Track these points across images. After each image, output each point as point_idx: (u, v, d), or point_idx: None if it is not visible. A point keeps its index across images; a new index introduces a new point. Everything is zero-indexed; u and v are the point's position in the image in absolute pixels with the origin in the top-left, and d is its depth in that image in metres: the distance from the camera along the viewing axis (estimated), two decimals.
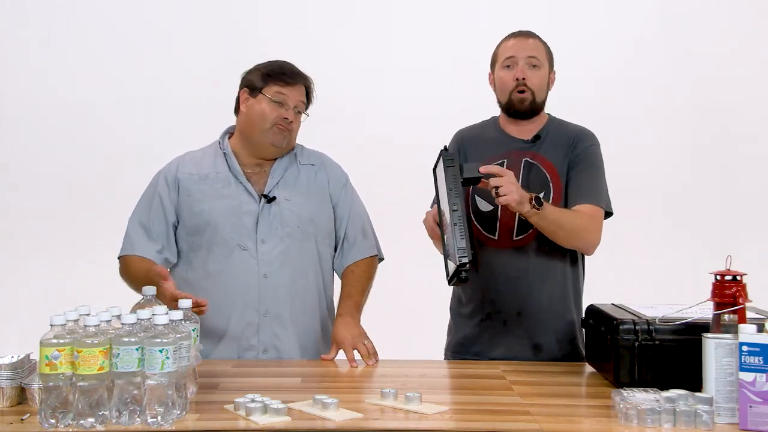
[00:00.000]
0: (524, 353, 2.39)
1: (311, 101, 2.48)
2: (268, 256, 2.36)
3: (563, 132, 2.47)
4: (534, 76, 2.41)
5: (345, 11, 4.29)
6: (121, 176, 3.57)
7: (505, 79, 2.43)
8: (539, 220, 2.24)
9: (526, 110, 2.43)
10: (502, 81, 2.44)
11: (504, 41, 2.48)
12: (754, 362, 1.61)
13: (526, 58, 2.40)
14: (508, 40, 2.47)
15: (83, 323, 1.66)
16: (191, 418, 1.71)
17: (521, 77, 2.40)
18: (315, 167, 2.51)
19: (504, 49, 2.45)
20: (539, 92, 2.43)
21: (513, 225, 2.40)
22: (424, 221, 2.31)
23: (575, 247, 2.40)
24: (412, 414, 1.74)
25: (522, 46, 2.42)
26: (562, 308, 2.42)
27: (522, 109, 2.42)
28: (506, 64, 2.43)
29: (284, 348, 2.36)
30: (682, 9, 4.22)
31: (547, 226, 2.27)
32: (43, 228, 4.20)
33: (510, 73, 2.41)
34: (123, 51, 4.24)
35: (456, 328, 2.52)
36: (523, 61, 2.40)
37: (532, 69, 2.41)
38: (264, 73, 2.43)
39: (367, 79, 4.21)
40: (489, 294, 2.42)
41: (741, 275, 1.78)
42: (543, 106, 2.48)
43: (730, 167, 4.21)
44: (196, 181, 2.42)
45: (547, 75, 2.45)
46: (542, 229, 2.30)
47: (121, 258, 2.41)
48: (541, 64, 2.42)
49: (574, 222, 2.32)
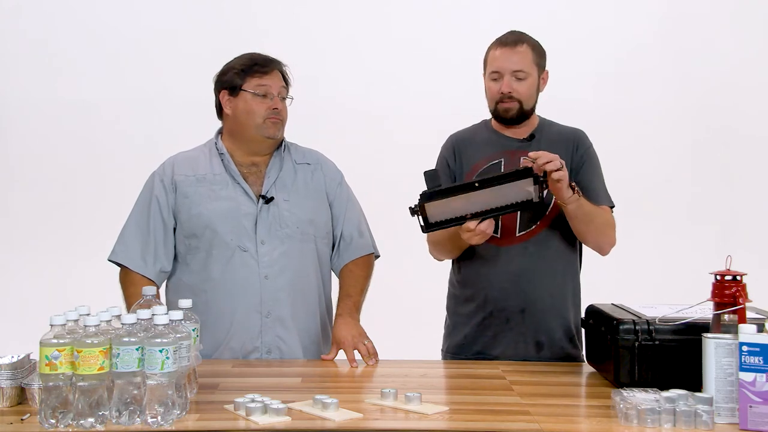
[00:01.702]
0: (527, 351, 2.39)
1: (289, 83, 2.47)
2: (268, 257, 2.35)
3: (557, 132, 2.48)
4: (520, 87, 2.41)
5: (344, 11, 4.29)
6: (122, 176, 3.56)
7: (492, 89, 2.44)
8: (577, 208, 2.26)
9: (512, 118, 2.44)
10: (489, 90, 2.46)
11: (492, 49, 2.46)
12: (754, 362, 1.61)
13: (512, 73, 2.40)
14: (495, 49, 2.45)
15: (83, 323, 1.66)
16: (191, 418, 1.71)
17: (507, 91, 2.40)
18: (311, 166, 2.50)
19: (491, 60, 2.45)
20: (527, 100, 2.43)
21: (515, 223, 2.40)
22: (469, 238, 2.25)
23: (598, 243, 2.41)
24: (412, 414, 1.74)
25: (507, 59, 2.41)
26: (562, 306, 2.43)
27: (508, 117, 2.44)
28: (493, 77, 2.43)
29: (287, 349, 2.36)
30: (680, 8, 4.21)
31: (582, 217, 2.30)
32: (43, 228, 4.20)
33: (496, 85, 2.42)
34: (123, 51, 4.24)
35: (455, 329, 2.51)
36: (508, 76, 2.40)
37: (518, 82, 2.41)
38: (239, 70, 2.41)
39: (366, 79, 4.21)
40: (492, 292, 2.41)
41: (741, 275, 1.78)
42: (533, 111, 2.48)
43: (730, 167, 4.22)
44: (192, 183, 2.41)
45: (535, 82, 2.44)
46: (575, 220, 2.31)
47: (122, 270, 2.40)
48: (528, 75, 2.41)
49: (602, 218, 2.38)
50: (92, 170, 4.20)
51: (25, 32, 4.25)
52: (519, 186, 2.17)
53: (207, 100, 2.49)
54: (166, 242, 2.40)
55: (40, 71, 4.25)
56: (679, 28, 4.22)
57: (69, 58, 4.23)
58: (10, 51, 4.25)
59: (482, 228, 2.22)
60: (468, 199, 2.20)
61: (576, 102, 3.51)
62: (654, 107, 4.22)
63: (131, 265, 2.37)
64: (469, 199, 2.20)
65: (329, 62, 4.18)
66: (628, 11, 4.25)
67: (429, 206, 2.20)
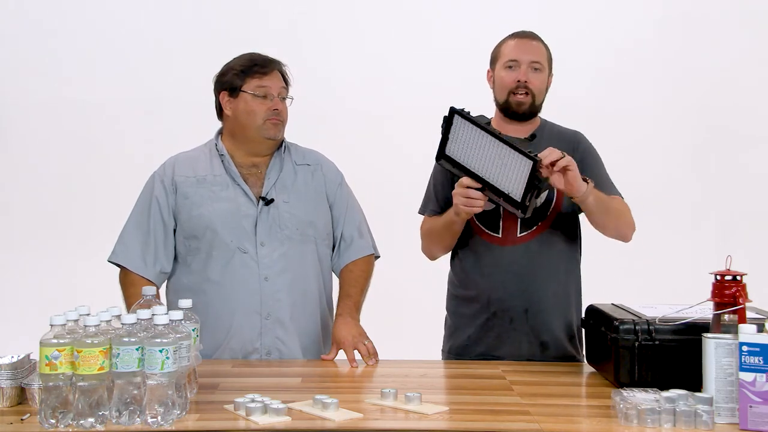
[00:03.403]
0: (531, 351, 2.39)
1: (289, 84, 2.46)
2: (268, 259, 2.35)
3: (557, 133, 2.48)
4: (536, 80, 2.41)
5: (345, 11, 4.29)
6: (122, 176, 3.56)
7: (506, 79, 2.42)
8: (595, 199, 2.26)
9: (524, 112, 2.43)
10: (502, 80, 2.43)
11: (506, 41, 2.47)
12: (754, 362, 1.61)
13: (530, 63, 2.40)
14: (510, 40, 2.45)
15: (83, 323, 1.66)
16: (191, 418, 1.71)
17: (524, 80, 2.39)
18: (311, 167, 2.50)
19: (507, 50, 2.44)
20: (539, 95, 2.43)
21: (516, 222, 2.40)
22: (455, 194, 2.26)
23: (620, 232, 2.42)
24: (412, 414, 1.74)
25: (526, 49, 2.42)
26: (565, 306, 2.42)
27: (520, 111, 2.42)
28: (508, 65, 2.42)
29: (287, 350, 2.35)
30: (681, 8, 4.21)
31: (601, 207, 2.30)
32: (43, 228, 4.20)
33: (512, 74, 2.41)
34: (123, 51, 4.24)
35: (457, 330, 2.49)
36: (526, 65, 2.40)
37: (534, 72, 2.41)
38: (238, 71, 2.40)
39: (367, 79, 4.21)
40: (495, 292, 2.40)
41: (741, 275, 1.78)
42: (540, 109, 2.48)
43: (730, 167, 4.21)
44: (193, 183, 2.40)
45: (546, 79, 2.45)
46: (595, 213, 2.31)
47: (122, 271, 2.39)
48: (543, 68, 2.42)
49: (618, 206, 2.39)
50: (92, 170, 4.20)
51: (26, 32, 4.25)
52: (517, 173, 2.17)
53: (207, 100, 2.48)
54: (166, 243, 2.39)
55: (41, 71, 4.24)
56: (679, 27, 4.22)
57: (69, 58, 4.23)
58: (10, 51, 4.25)
59: (473, 194, 2.22)
60: (480, 153, 2.21)
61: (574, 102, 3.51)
62: (654, 107, 4.22)
63: (131, 266, 2.37)
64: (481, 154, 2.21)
65: (329, 62, 4.18)
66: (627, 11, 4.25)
67: (453, 132, 2.23)
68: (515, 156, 2.17)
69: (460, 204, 2.25)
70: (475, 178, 2.23)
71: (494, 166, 2.20)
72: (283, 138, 2.46)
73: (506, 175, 2.19)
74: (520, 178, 2.17)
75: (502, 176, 2.20)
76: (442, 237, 2.45)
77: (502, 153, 2.18)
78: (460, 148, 2.25)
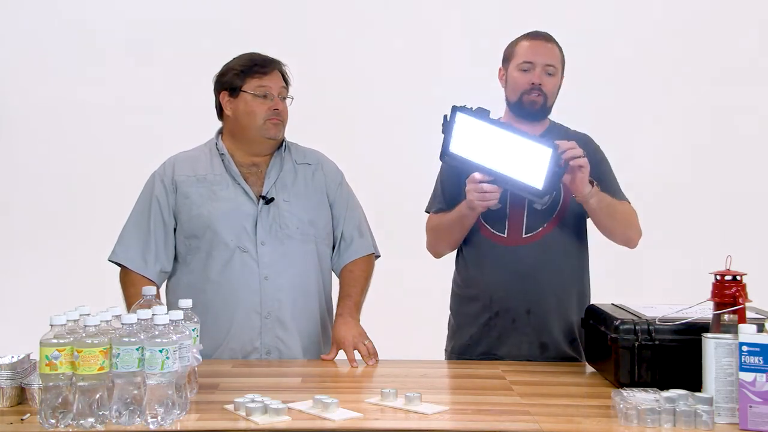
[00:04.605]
0: (532, 351, 2.39)
1: (289, 83, 2.47)
2: (268, 258, 2.35)
3: (566, 135, 2.46)
4: (549, 83, 2.41)
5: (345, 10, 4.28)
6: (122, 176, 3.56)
7: (520, 80, 2.42)
8: (599, 202, 2.27)
9: (536, 112, 2.43)
10: (515, 81, 2.43)
11: (521, 41, 2.45)
12: (754, 362, 1.62)
13: (544, 66, 2.40)
14: (525, 41, 2.44)
15: (83, 323, 1.66)
16: (191, 418, 1.71)
17: (537, 82, 2.39)
18: (312, 167, 2.50)
19: (521, 50, 2.43)
20: (551, 97, 2.44)
21: (522, 222, 2.40)
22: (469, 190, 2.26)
23: (626, 235, 2.42)
24: (412, 414, 1.74)
25: (541, 52, 2.41)
26: (567, 307, 2.42)
27: (532, 111, 2.43)
28: (523, 67, 2.41)
29: (287, 350, 2.36)
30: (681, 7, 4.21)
31: (605, 210, 2.31)
32: (43, 228, 4.20)
33: (526, 76, 2.40)
34: (123, 51, 4.24)
35: (460, 330, 2.49)
36: (540, 68, 2.40)
37: (548, 76, 2.41)
38: (238, 71, 2.40)
39: (367, 79, 4.20)
40: (498, 292, 2.41)
41: (741, 275, 1.78)
42: (550, 111, 2.48)
43: (730, 167, 4.21)
44: (193, 183, 2.41)
45: (558, 82, 2.45)
46: (599, 215, 2.32)
47: (122, 271, 2.40)
48: (556, 71, 2.42)
49: (624, 210, 2.39)
50: (93, 170, 4.19)
51: (27, 32, 4.25)
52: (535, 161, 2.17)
53: (207, 100, 2.49)
54: (167, 242, 2.40)
55: (41, 71, 4.24)
56: (680, 27, 4.21)
57: (70, 58, 4.23)
58: (11, 51, 4.25)
59: (487, 187, 2.23)
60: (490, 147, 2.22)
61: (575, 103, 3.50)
62: (654, 107, 4.22)
63: (131, 266, 2.37)
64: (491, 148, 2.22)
65: (330, 61, 4.18)
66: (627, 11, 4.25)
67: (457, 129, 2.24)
68: (532, 145, 2.19)
69: (475, 200, 2.26)
70: (485, 172, 2.23)
71: (508, 157, 2.21)
72: (283, 137, 2.46)
73: (523, 165, 2.20)
74: (540, 166, 2.18)
75: (518, 167, 2.21)
76: (451, 232, 2.45)
77: (516, 144, 2.20)
78: (465, 144, 2.25)
